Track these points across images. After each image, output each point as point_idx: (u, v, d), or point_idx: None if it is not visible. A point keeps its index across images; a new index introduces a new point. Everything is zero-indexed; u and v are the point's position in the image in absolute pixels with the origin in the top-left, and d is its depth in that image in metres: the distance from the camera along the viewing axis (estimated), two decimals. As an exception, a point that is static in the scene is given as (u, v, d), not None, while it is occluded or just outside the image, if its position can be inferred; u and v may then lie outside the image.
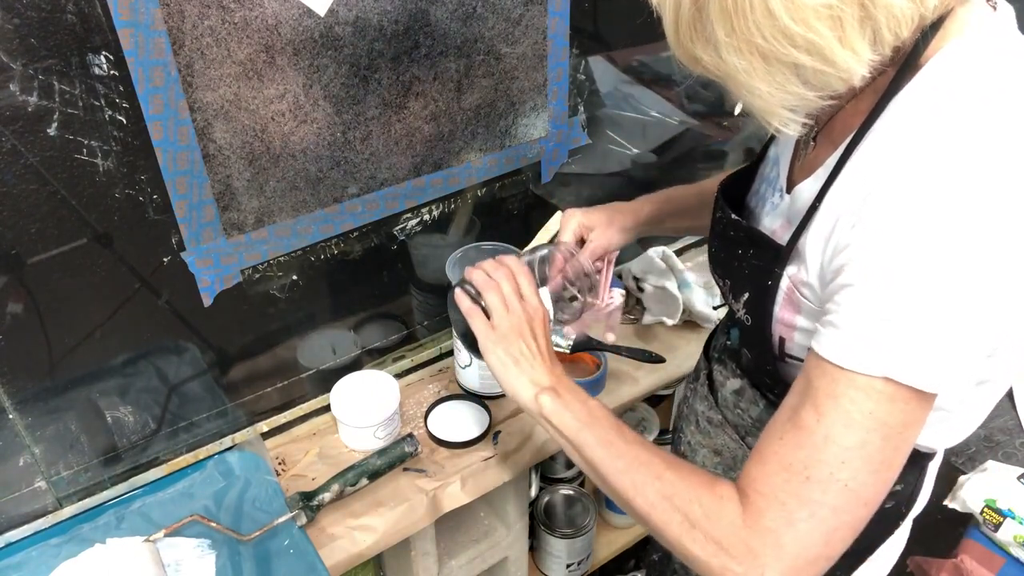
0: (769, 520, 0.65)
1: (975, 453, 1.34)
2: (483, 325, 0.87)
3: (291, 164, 1.01)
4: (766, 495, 0.65)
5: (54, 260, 0.89)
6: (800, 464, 0.64)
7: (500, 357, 0.86)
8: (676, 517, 0.69)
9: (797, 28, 0.58)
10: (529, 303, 0.88)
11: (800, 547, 0.64)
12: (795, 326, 0.75)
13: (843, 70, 0.60)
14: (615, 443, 0.77)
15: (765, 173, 0.85)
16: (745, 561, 0.65)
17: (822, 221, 0.69)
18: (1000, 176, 0.58)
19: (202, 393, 1.11)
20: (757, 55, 0.61)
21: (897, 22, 0.59)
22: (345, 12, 0.95)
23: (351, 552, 1.05)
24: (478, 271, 0.90)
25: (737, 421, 0.92)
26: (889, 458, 0.64)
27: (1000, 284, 0.59)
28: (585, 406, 0.81)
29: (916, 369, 0.61)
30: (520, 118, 1.21)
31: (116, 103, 0.85)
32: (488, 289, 0.87)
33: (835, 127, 0.74)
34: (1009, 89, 0.61)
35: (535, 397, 0.83)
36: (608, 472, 0.76)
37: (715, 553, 0.66)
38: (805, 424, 0.64)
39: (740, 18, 0.59)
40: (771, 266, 0.75)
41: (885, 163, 0.63)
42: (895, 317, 0.60)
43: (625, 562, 1.83)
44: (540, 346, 0.87)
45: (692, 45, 0.64)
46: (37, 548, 1.00)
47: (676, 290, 1.37)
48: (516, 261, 0.91)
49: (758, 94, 0.63)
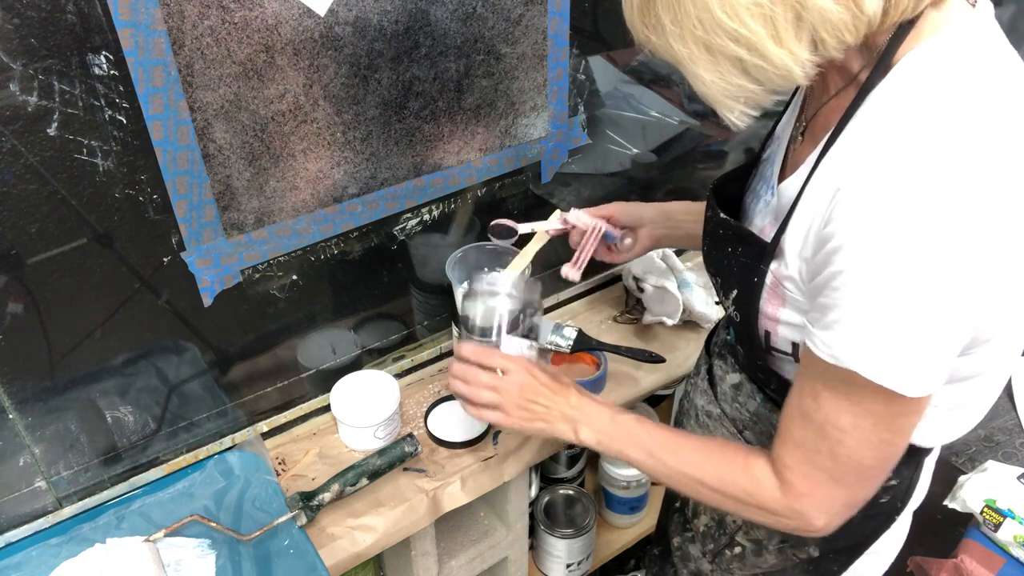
0: (800, 487, 0.75)
1: (975, 453, 1.34)
2: (497, 417, 0.93)
3: (291, 164, 1.01)
4: (791, 468, 0.75)
5: (54, 260, 0.89)
6: (810, 441, 0.73)
7: (530, 429, 0.93)
8: (727, 500, 0.81)
9: (731, 23, 0.61)
10: (511, 372, 0.92)
11: (831, 500, 0.74)
12: (779, 319, 0.77)
13: (780, 67, 0.63)
14: (654, 454, 0.85)
15: (763, 171, 0.86)
16: (794, 517, 0.77)
17: (801, 217, 0.71)
18: (968, 172, 0.59)
19: (202, 393, 1.11)
20: (700, 45, 0.64)
21: (835, 27, 0.61)
22: (345, 12, 0.95)
23: (351, 552, 1.06)
24: (456, 382, 0.95)
25: (735, 415, 0.93)
26: (886, 439, 0.70)
27: (969, 278, 0.60)
28: (615, 425, 0.89)
29: (885, 369, 0.64)
30: (520, 118, 1.21)
31: (116, 103, 0.85)
32: (475, 394, 0.93)
33: (818, 123, 0.76)
34: (979, 85, 0.62)
35: (577, 437, 0.90)
36: (660, 478, 0.87)
37: (769, 516, 0.79)
38: (807, 409, 0.72)
39: (682, 9, 0.63)
40: (756, 263, 0.76)
41: (854, 160, 0.65)
42: (866, 319, 0.63)
43: (625, 562, 1.83)
44: (546, 395, 0.92)
45: (644, 28, 0.68)
46: (37, 548, 1.00)
47: (676, 290, 1.37)
48: (471, 348, 0.95)
49: (702, 82, 0.67)
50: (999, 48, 0.66)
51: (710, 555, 1.01)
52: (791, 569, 0.94)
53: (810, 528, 0.76)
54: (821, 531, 0.76)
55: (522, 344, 0.97)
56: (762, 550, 0.95)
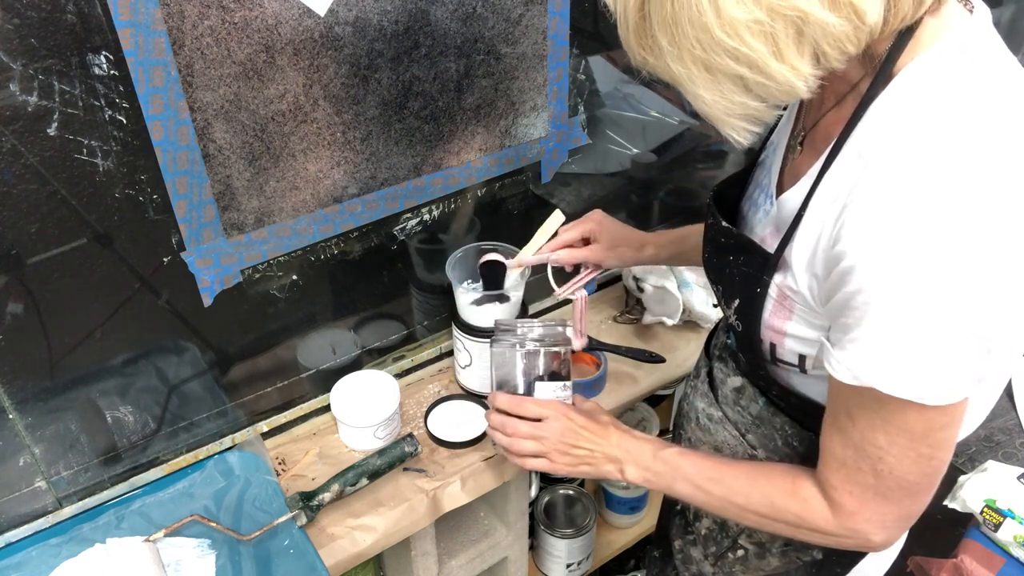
0: (850, 507, 0.74)
1: (975, 453, 1.34)
2: (542, 464, 0.95)
3: (291, 164, 1.01)
4: (837, 488, 0.75)
5: (54, 260, 0.89)
6: (851, 460, 0.72)
7: (577, 472, 0.94)
8: (780, 526, 0.81)
9: (731, 42, 0.60)
10: (548, 419, 0.94)
11: (883, 515, 0.74)
12: (785, 332, 0.76)
13: (782, 83, 0.62)
14: (701, 487, 0.85)
15: (759, 179, 0.86)
16: (851, 536, 0.76)
17: (807, 230, 0.71)
18: (972, 183, 0.59)
19: (202, 393, 1.11)
20: (700, 65, 0.63)
21: (836, 39, 0.60)
22: (345, 12, 0.95)
23: (351, 552, 1.06)
24: (497, 434, 0.97)
25: (737, 418, 0.93)
26: (925, 453, 0.69)
27: (979, 290, 0.60)
28: (659, 461, 0.89)
29: (910, 385, 0.63)
30: (520, 118, 1.21)
31: (116, 103, 0.85)
32: (516, 445, 0.95)
33: (818, 134, 0.75)
34: (981, 96, 0.62)
35: (623, 475, 0.91)
36: (711, 510, 0.87)
37: (823, 537, 0.78)
38: (844, 428, 0.72)
39: (679, 30, 0.61)
40: (759, 273, 0.76)
41: (858, 176, 0.64)
42: (884, 338, 0.63)
43: (625, 562, 1.83)
44: (587, 437, 0.93)
45: (640, 50, 0.67)
46: (37, 548, 1.00)
47: (676, 290, 1.37)
48: (504, 399, 0.97)
49: (703, 101, 0.66)
50: (998, 55, 0.66)
51: (712, 558, 1.01)
52: (794, 572, 0.94)
53: (869, 545, 0.76)
54: (881, 546, 0.76)
55: (555, 387, 0.99)
56: (765, 553, 0.94)
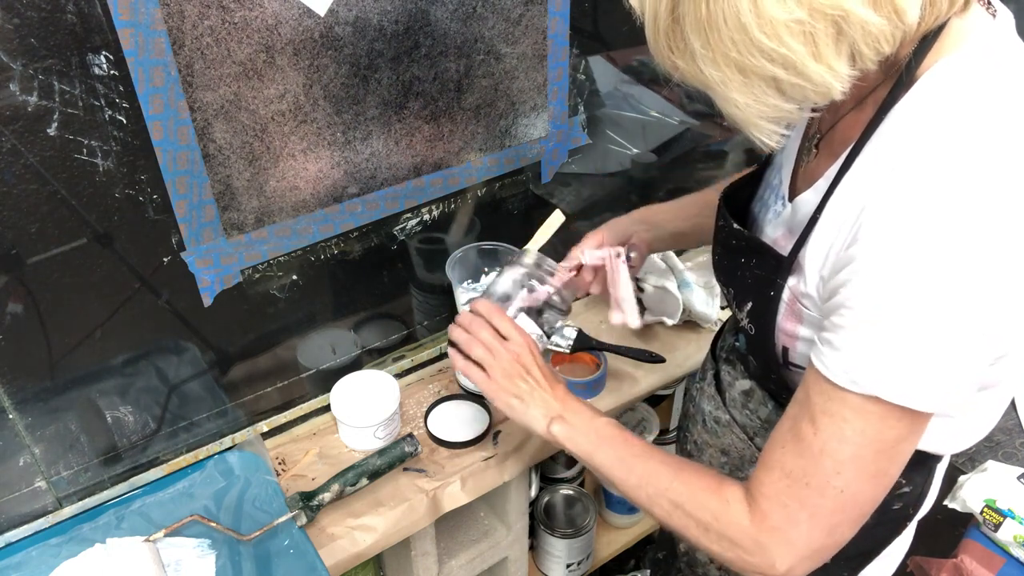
0: (774, 520, 0.70)
1: (975, 453, 1.34)
2: (480, 377, 0.90)
3: (291, 164, 1.01)
4: (771, 498, 0.70)
5: (54, 260, 0.89)
6: (800, 472, 0.68)
7: (505, 400, 0.90)
8: (690, 522, 0.76)
9: (769, 43, 0.58)
10: (512, 341, 0.90)
11: (804, 541, 0.69)
12: (797, 336, 0.75)
13: (819, 84, 0.60)
14: (625, 460, 0.82)
15: (769, 179, 0.85)
16: (757, 553, 0.71)
17: (821, 234, 0.70)
18: (992, 193, 0.58)
19: (202, 393, 1.11)
20: (733, 67, 0.61)
21: (875, 38, 0.59)
22: (345, 12, 0.95)
23: (351, 552, 1.06)
24: (457, 329, 0.93)
25: (745, 422, 0.92)
26: (884, 468, 0.67)
27: (996, 301, 0.59)
28: (592, 427, 0.86)
29: (907, 390, 0.62)
30: (520, 118, 1.21)
31: (116, 103, 0.85)
32: (471, 345, 0.91)
33: (835, 137, 0.74)
34: (1002, 102, 0.61)
35: (547, 428, 0.87)
36: (625, 488, 0.82)
37: (729, 548, 0.73)
38: (803, 436, 0.68)
39: (714, 31, 0.59)
40: (772, 276, 0.75)
41: (879, 180, 0.63)
42: (889, 340, 0.61)
43: (625, 562, 1.83)
44: (536, 376, 0.89)
45: (670, 54, 0.65)
46: (37, 548, 1.00)
47: (676, 290, 1.37)
48: (487, 305, 0.93)
49: (735, 105, 0.64)
50: (1022, 60, 0.65)
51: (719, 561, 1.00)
52: None
53: (769, 571, 0.71)
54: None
55: (535, 329, 0.96)
56: None
